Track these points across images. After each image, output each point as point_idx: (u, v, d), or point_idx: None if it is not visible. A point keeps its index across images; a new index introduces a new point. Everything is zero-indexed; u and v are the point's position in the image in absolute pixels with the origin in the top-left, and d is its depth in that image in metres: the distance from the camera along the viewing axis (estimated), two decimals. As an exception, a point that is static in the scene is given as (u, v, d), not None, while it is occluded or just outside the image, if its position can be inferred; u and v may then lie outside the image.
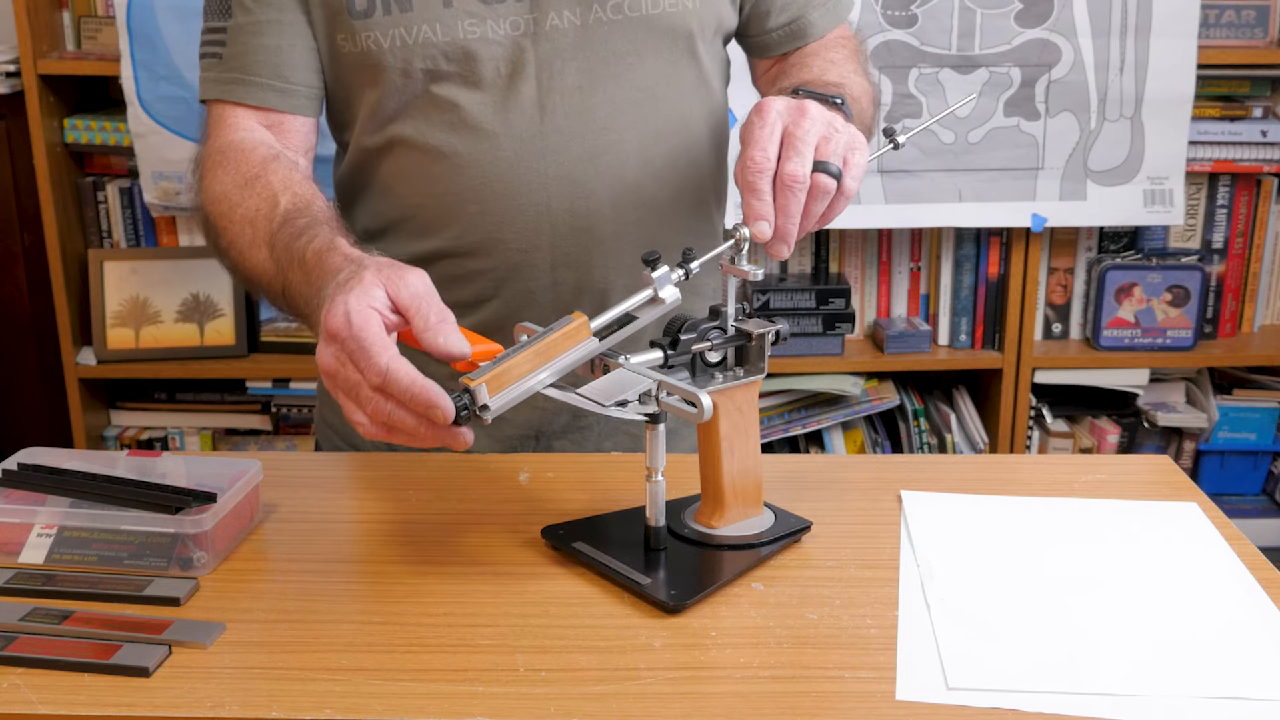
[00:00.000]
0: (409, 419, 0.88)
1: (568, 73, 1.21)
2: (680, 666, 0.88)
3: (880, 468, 1.23)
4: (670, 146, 1.27)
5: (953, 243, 2.49)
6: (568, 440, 1.33)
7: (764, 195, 1.00)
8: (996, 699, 0.84)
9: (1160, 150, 2.35)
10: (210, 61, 1.25)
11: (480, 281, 1.26)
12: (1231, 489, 2.63)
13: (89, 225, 2.48)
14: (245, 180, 1.15)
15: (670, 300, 0.98)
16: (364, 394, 0.89)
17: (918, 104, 2.31)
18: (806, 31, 1.33)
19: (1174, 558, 1.03)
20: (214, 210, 1.18)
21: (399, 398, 0.88)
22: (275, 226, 1.10)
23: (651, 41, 1.23)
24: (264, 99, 1.23)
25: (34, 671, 0.87)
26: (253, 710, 0.83)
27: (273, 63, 1.22)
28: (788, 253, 1.02)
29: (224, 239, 1.17)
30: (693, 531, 1.04)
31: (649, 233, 1.27)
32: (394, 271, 0.93)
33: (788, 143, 1.01)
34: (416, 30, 1.19)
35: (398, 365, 0.87)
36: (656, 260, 0.97)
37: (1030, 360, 2.49)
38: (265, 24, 1.22)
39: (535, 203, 1.22)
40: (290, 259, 1.06)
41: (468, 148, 1.21)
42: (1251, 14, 2.41)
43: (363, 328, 0.88)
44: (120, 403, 2.58)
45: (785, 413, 2.53)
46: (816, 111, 1.03)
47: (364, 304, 0.90)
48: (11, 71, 2.35)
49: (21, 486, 1.07)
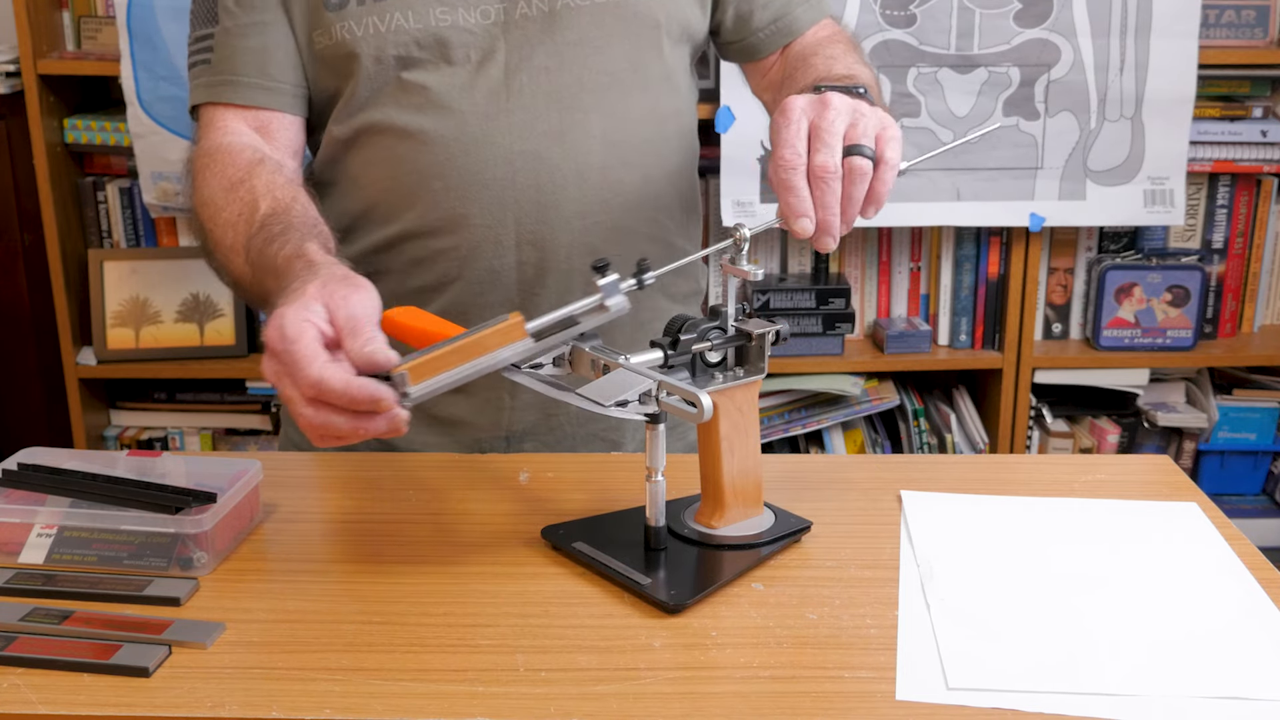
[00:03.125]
0: (344, 421, 0.87)
1: (536, 55, 1.23)
2: (680, 666, 0.88)
3: (880, 468, 1.23)
4: (638, 135, 1.28)
5: (953, 242, 2.49)
6: (537, 440, 1.33)
7: (799, 191, 0.99)
8: (996, 699, 0.84)
9: (1161, 150, 2.35)
10: (200, 68, 1.27)
11: (444, 262, 1.26)
12: (1231, 489, 2.63)
13: (89, 225, 2.48)
14: (230, 184, 1.17)
15: (616, 309, 0.96)
16: (298, 408, 0.88)
17: (916, 103, 2.31)
18: (792, 27, 1.34)
19: (1174, 558, 1.03)
20: (202, 214, 1.20)
21: (337, 403, 0.87)
22: (253, 232, 1.11)
23: (618, 28, 1.25)
24: (251, 97, 1.25)
25: (34, 671, 0.87)
26: (253, 710, 0.83)
27: (258, 63, 1.24)
28: (833, 244, 1.01)
29: (210, 242, 1.19)
30: (693, 531, 1.04)
31: (614, 218, 1.27)
32: (340, 288, 0.92)
33: (814, 135, 1.00)
34: (390, 18, 1.21)
35: (330, 372, 0.87)
36: (606, 267, 0.95)
37: (1030, 360, 2.49)
38: (250, 26, 1.24)
39: (499, 177, 1.23)
40: (264, 266, 1.06)
41: (433, 125, 1.23)
42: (1251, 14, 2.41)
43: (295, 340, 0.88)
44: (120, 403, 2.58)
45: (785, 413, 2.53)
46: (839, 101, 1.02)
47: (300, 317, 0.89)
48: (11, 71, 2.35)
49: (21, 486, 1.07)
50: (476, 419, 1.31)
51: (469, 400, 1.30)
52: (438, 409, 1.30)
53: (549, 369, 0.99)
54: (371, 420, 0.88)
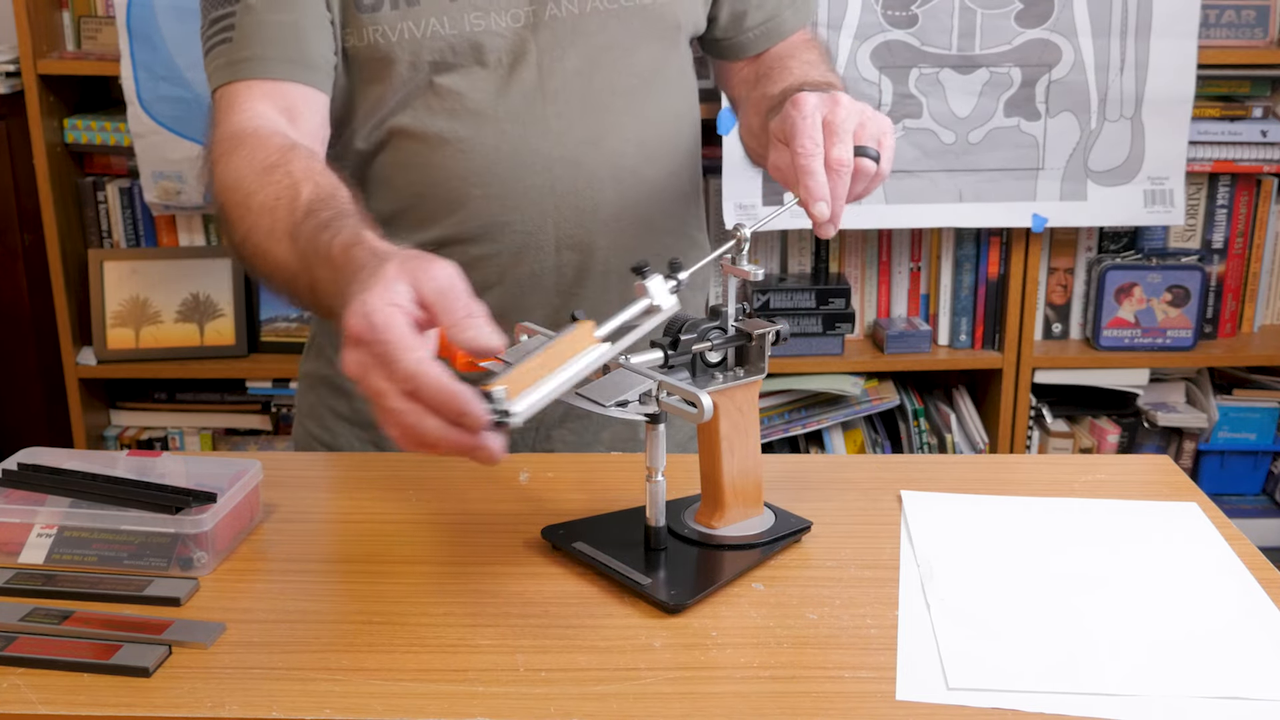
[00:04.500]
0: (437, 426, 0.79)
1: (567, 59, 1.23)
2: (680, 666, 0.88)
3: (880, 468, 1.23)
4: (663, 132, 1.31)
5: (953, 243, 2.49)
6: (566, 429, 1.34)
7: (819, 176, 1.02)
8: (996, 699, 0.84)
9: (1161, 150, 2.35)
10: (221, 48, 1.18)
11: (484, 268, 1.25)
12: (1231, 489, 2.63)
13: (89, 225, 2.48)
14: (264, 167, 1.07)
15: (669, 308, 0.95)
16: (391, 402, 0.79)
17: (918, 104, 2.31)
18: (781, 29, 1.36)
19: (1174, 558, 1.03)
20: (228, 199, 1.09)
21: (429, 402, 0.78)
22: (299, 218, 1.02)
23: (644, 30, 1.26)
24: (281, 71, 1.16)
25: (34, 671, 0.87)
26: (253, 710, 0.83)
27: (288, 37, 1.16)
28: (834, 232, 1.04)
29: (239, 229, 1.08)
30: (693, 531, 1.04)
31: (645, 216, 1.29)
32: (419, 264, 0.84)
33: (829, 130, 1.04)
34: (425, 24, 1.20)
35: (428, 367, 0.78)
36: (645, 269, 0.94)
37: (1030, 360, 2.49)
38: (279, 1, 1.17)
39: (539, 184, 1.24)
40: (316, 254, 0.98)
41: (470, 132, 1.22)
42: (1251, 14, 2.41)
43: (386, 328, 0.79)
44: (120, 403, 2.58)
45: (785, 413, 2.53)
46: (848, 102, 1.07)
47: (386, 301, 0.81)
48: (11, 71, 2.35)
49: (21, 486, 1.07)
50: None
51: None
52: None
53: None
54: (465, 435, 0.79)
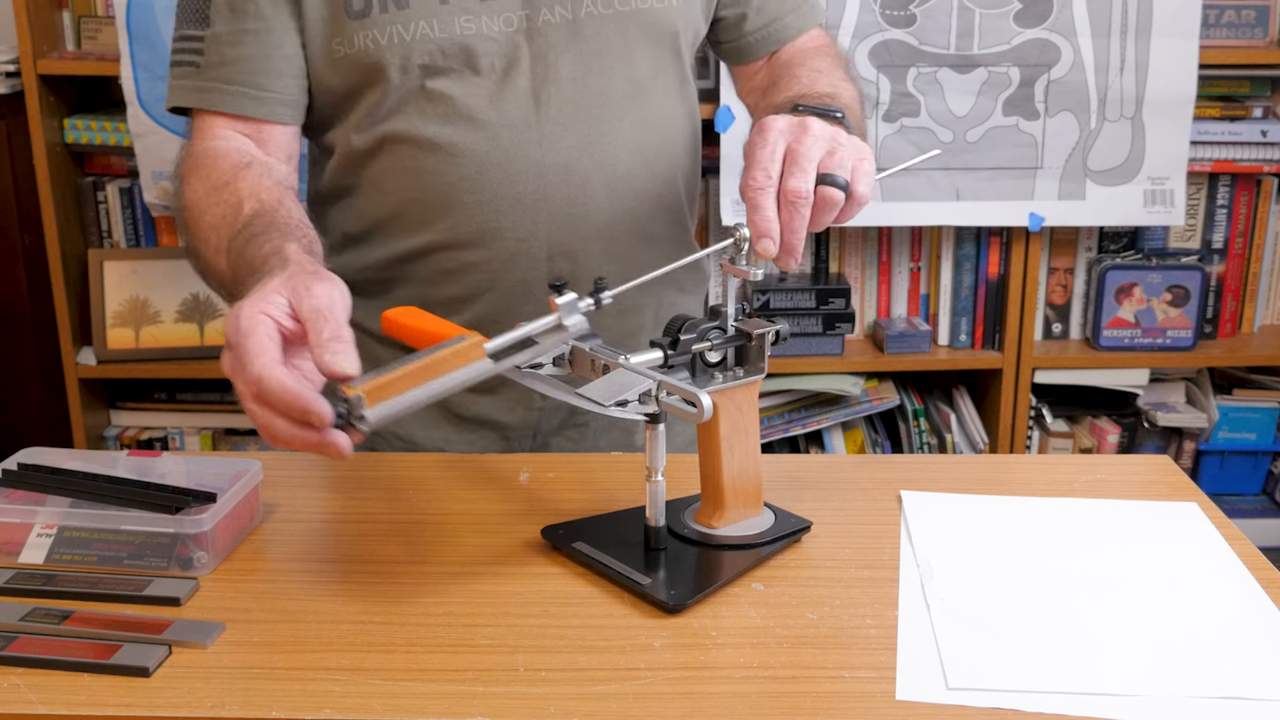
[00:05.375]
0: (286, 425, 0.84)
1: (561, 64, 1.22)
2: (680, 666, 0.88)
3: (880, 468, 1.23)
4: (658, 139, 1.29)
5: (953, 242, 2.49)
6: (564, 438, 1.34)
7: (766, 212, 0.99)
8: (996, 699, 0.84)
9: (1161, 150, 2.35)
10: (186, 70, 1.24)
11: (475, 274, 1.26)
12: (1231, 489, 2.63)
13: (89, 225, 2.48)
14: (214, 187, 1.15)
15: (574, 330, 0.94)
16: (247, 403, 0.86)
17: (916, 103, 2.31)
18: (782, 34, 1.35)
19: (1174, 558, 1.03)
20: (187, 217, 1.18)
21: (274, 404, 0.83)
22: (235, 232, 1.09)
23: (640, 36, 1.25)
24: (241, 107, 1.22)
25: (34, 671, 0.87)
26: (253, 710, 0.83)
27: (250, 71, 1.21)
28: (795, 265, 1.02)
29: (194, 245, 1.17)
30: (693, 531, 1.04)
31: (640, 224, 1.29)
32: (305, 280, 0.90)
33: (790, 160, 1.01)
34: (414, 27, 1.19)
35: (270, 371, 0.83)
36: (563, 286, 0.94)
37: (1030, 360, 2.49)
38: (244, 33, 1.21)
39: (531, 191, 1.23)
40: (244, 265, 1.04)
41: (463, 138, 1.22)
42: (1251, 14, 2.41)
43: (247, 334, 0.85)
44: (120, 403, 2.58)
45: (785, 413, 2.53)
46: (818, 128, 1.03)
47: (258, 309, 0.87)
48: (11, 71, 2.35)
49: (21, 486, 1.07)
50: (505, 417, 1.32)
51: (496, 399, 1.30)
52: (461, 407, 1.31)
53: (549, 369, 0.99)
54: (312, 433, 0.83)
